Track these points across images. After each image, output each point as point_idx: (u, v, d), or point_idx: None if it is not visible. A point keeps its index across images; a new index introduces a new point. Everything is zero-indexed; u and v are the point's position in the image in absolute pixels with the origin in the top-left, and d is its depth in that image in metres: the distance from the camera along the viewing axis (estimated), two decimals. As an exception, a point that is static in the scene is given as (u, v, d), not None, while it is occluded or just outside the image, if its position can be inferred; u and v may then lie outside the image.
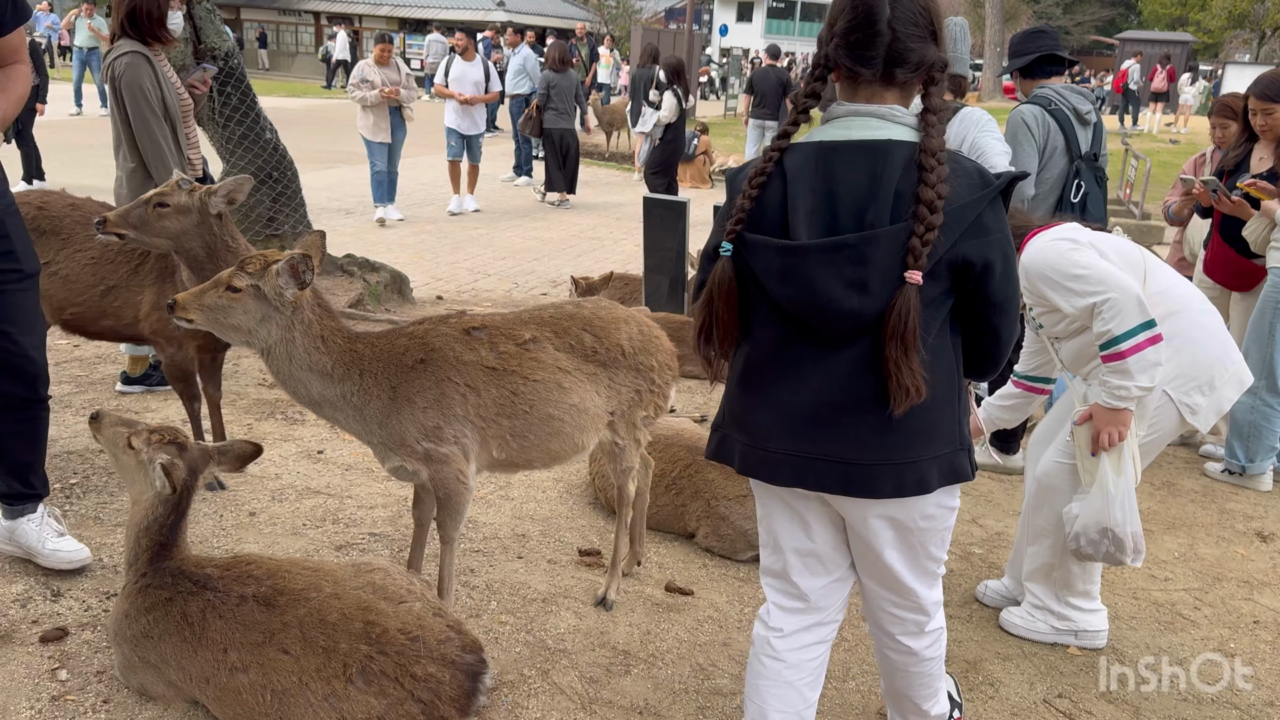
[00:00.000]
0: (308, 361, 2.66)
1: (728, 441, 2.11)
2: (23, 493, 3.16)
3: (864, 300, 1.85)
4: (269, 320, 2.60)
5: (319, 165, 13.12)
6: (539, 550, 3.63)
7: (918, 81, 1.93)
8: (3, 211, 2.91)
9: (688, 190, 13.47)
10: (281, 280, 2.56)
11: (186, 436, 2.70)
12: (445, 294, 7.70)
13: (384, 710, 2.33)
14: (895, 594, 2.16)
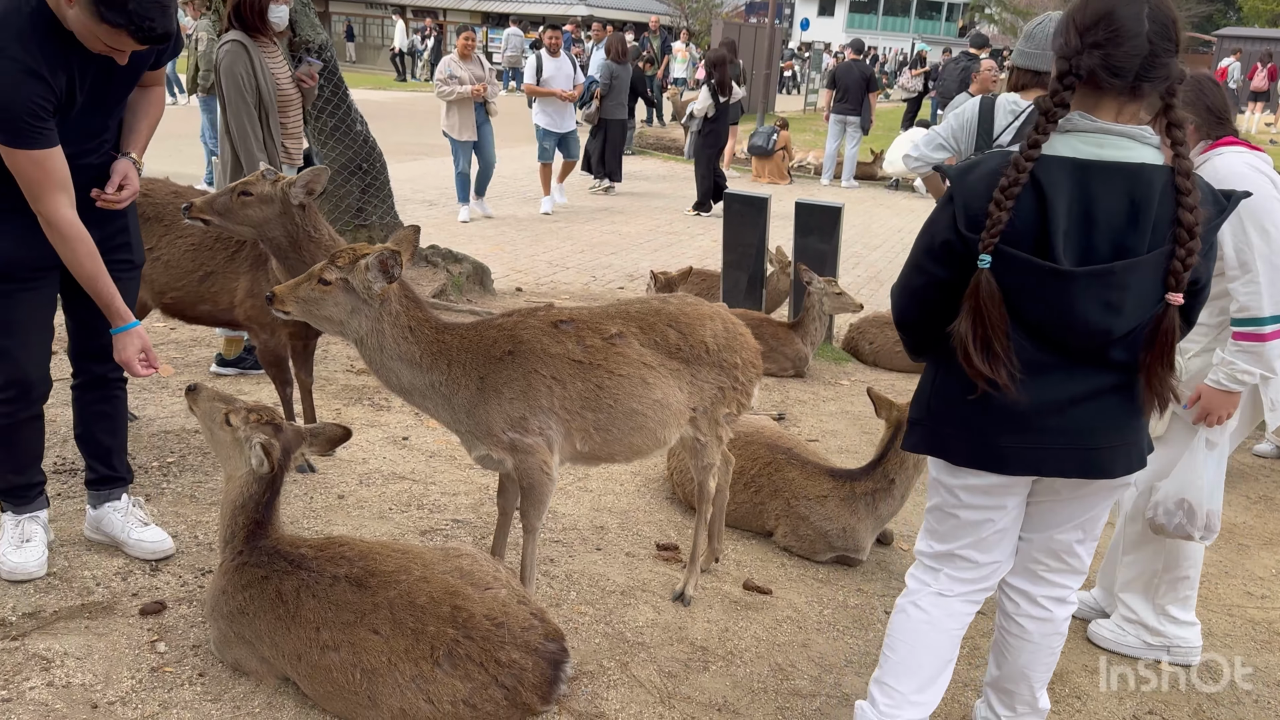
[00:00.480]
0: (397, 351, 2.72)
1: (939, 436, 2.23)
2: (107, 476, 3.25)
3: (1117, 321, 1.97)
4: (359, 312, 2.67)
5: (403, 157, 13.36)
6: (617, 543, 3.65)
7: (1157, 94, 1.95)
8: (125, 208, 3.05)
9: (766, 186, 13.40)
10: (371, 274, 2.63)
11: (281, 417, 2.78)
12: (524, 286, 7.79)
13: (469, 694, 2.38)
14: (1061, 560, 2.35)
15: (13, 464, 3.05)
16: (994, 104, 4.20)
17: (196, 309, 3.99)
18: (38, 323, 2.94)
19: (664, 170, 15.48)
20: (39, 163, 2.62)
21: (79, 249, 2.74)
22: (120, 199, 2.93)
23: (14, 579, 2.99)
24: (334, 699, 2.46)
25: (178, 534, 3.37)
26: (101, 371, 3.16)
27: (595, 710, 2.65)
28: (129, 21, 2.48)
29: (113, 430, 3.27)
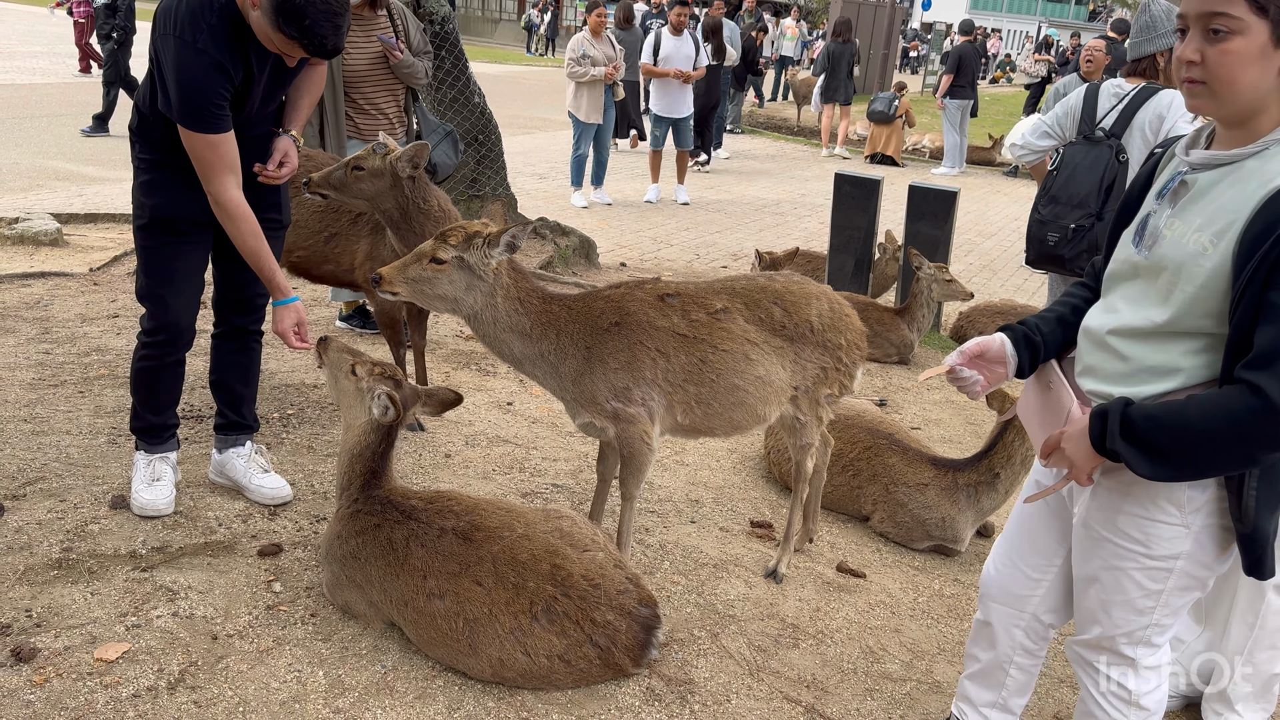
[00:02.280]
0: (509, 324, 2.79)
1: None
2: (236, 422, 3.44)
3: None
4: (474, 288, 2.74)
5: (516, 130, 13.56)
6: (711, 517, 3.69)
7: None
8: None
9: (878, 169, 13.16)
10: (497, 250, 2.69)
11: (402, 374, 2.89)
12: (629, 261, 7.85)
13: (564, 650, 2.46)
14: None
15: (153, 404, 3.26)
16: (1098, 89, 4.09)
17: (321, 268, 4.16)
18: (192, 274, 3.14)
19: (773, 149, 15.34)
20: (214, 146, 2.82)
21: (243, 228, 2.93)
22: (280, 175, 3.12)
23: (144, 514, 3.19)
24: (436, 645, 2.57)
25: (295, 482, 3.54)
26: (241, 323, 3.37)
27: (685, 677, 2.70)
28: (303, 36, 2.68)
29: (245, 379, 3.45)
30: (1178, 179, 1.75)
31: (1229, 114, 1.65)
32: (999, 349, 1.99)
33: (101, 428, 3.82)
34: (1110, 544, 1.88)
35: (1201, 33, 1.58)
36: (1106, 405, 1.75)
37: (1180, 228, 1.70)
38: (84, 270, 5.98)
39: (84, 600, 2.76)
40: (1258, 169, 1.62)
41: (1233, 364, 1.64)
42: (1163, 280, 1.73)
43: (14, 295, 5.36)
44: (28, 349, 4.57)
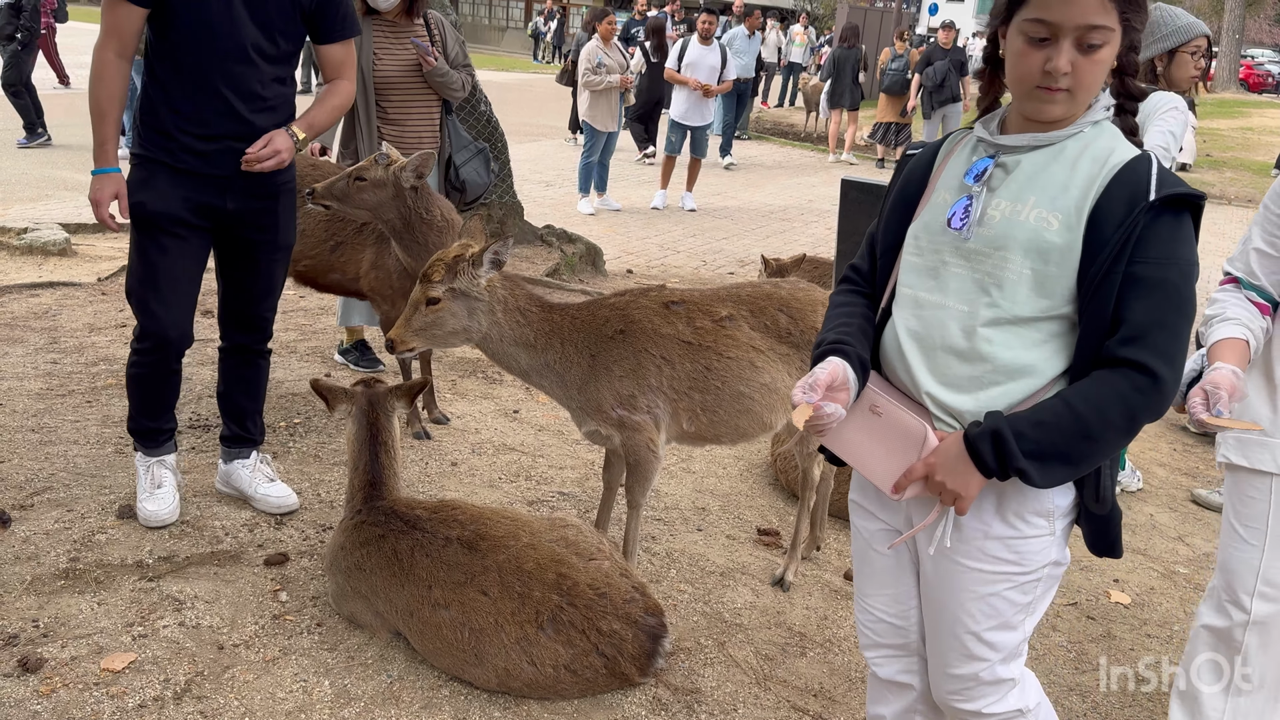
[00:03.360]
0: (514, 336, 2.80)
1: None
2: (240, 435, 3.42)
3: None
4: (475, 312, 2.76)
5: (522, 138, 13.59)
6: (718, 525, 3.68)
7: None
8: (279, 188, 3.19)
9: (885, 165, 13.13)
10: (481, 270, 2.72)
11: (381, 381, 2.92)
12: (635, 268, 7.85)
13: (570, 659, 2.45)
14: None
15: (146, 409, 3.24)
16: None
17: (327, 277, 4.17)
18: (180, 280, 3.07)
19: (780, 155, 15.34)
20: (109, 6, 2.86)
21: (98, 89, 2.91)
22: (260, 157, 2.95)
23: (149, 525, 3.19)
24: (442, 655, 2.56)
25: (301, 491, 3.54)
26: (245, 341, 3.34)
27: (691, 686, 2.69)
28: None
29: (251, 395, 3.44)
30: (988, 163, 1.68)
31: (1072, 116, 1.65)
32: (843, 375, 1.72)
33: (109, 437, 3.83)
34: (977, 572, 1.73)
35: (1074, 44, 1.56)
36: (991, 425, 1.59)
37: (1009, 206, 1.65)
38: (92, 280, 6.00)
39: (91, 610, 2.77)
40: (1081, 149, 1.63)
41: (1092, 346, 1.59)
42: (995, 261, 1.64)
43: (22, 305, 5.38)
44: (35, 359, 4.59)
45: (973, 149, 1.75)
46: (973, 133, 1.77)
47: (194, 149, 2.98)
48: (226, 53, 2.92)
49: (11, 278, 5.97)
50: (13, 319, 5.13)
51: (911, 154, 1.90)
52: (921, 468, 1.66)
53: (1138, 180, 1.57)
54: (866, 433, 1.76)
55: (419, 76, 4.46)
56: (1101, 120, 1.66)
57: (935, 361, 1.71)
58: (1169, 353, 1.55)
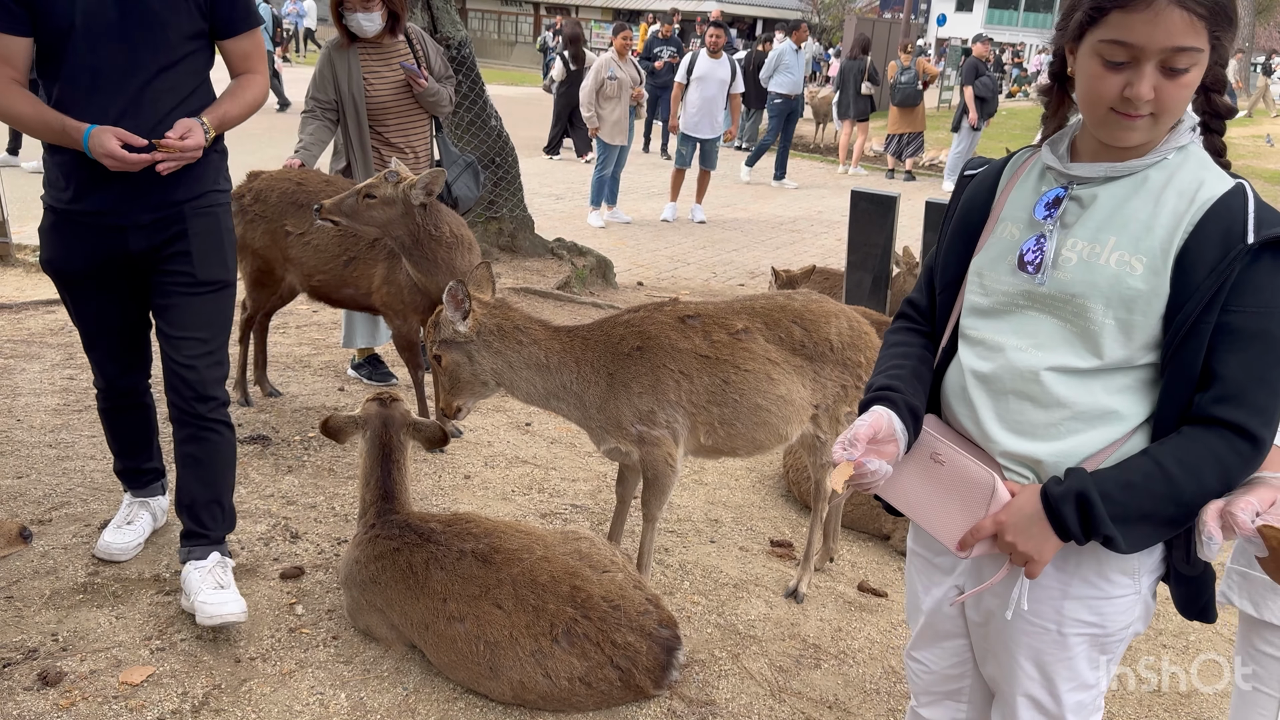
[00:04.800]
0: (522, 360, 2.84)
1: None
2: (192, 531, 2.86)
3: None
4: (474, 354, 2.83)
5: (532, 152, 13.64)
6: (731, 536, 3.68)
7: None
8: (191, 213, 2.73)
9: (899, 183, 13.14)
10: (454, 316, 2.78)
11: (398, 399, 2.93)
12: (645, 280, 7.87)
13: (585, 672, 2.45)
14: None
15: (117, 446, 3.14)
16: None
17: (340, 292, 4.19)
18: (111, 333, 2.90)
19: (790, 167, 15.35)
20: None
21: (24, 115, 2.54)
22: (183, 146, 2.55)
23: (99, 555, 3.06)
24: (457, 668, 2.57)
25: (316, 504, 3.56)
26: (181, 404, 2.78)
27: (706, 698, 2.69)
28: None
29: (202, 478, 2.83)
30: (1059, 194, 1.54)
31: (1157, 140, 1.49)
32: (889, 426, 1.58)
33: (125, 452, 3.85)
34: (1053, 634, 1.59)
35: (1159, 67, 1.39)
36: (1078, 486, 1.44)
37: (1088, 248, 1.49)
38: (108, 295, 6.04)
39: (109, 624, 2.79)
40: (1166, 179, 1.47)
41: (1177, 397, 1.45)
42: (1074, 308, 1.50)
43: (39, 321, 5.43)
44: (52, 375, 4.63)
45: (1040, 176, 1.59)
46: (1039, 154, 1.61)
47: (84, 194, 2.65)
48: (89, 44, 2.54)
49: (28, 294, 6.02)
50: (30, 335, 5.18)
51: (971, 174, 1.73)
52: (990, 525, 1.51)
53: (1233, 219, 1.41)
54: (927, 483, 1.62)
55: (410, 96, 4.49)
56: (1187, 145, 1.49)
57: (1006, 406, 1.56)
58: (1268, 411, 1.41)
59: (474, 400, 2.93)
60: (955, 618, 1.77)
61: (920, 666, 1.87)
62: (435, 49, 4.68)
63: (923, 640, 1.84)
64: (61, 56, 2.53)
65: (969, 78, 13.16)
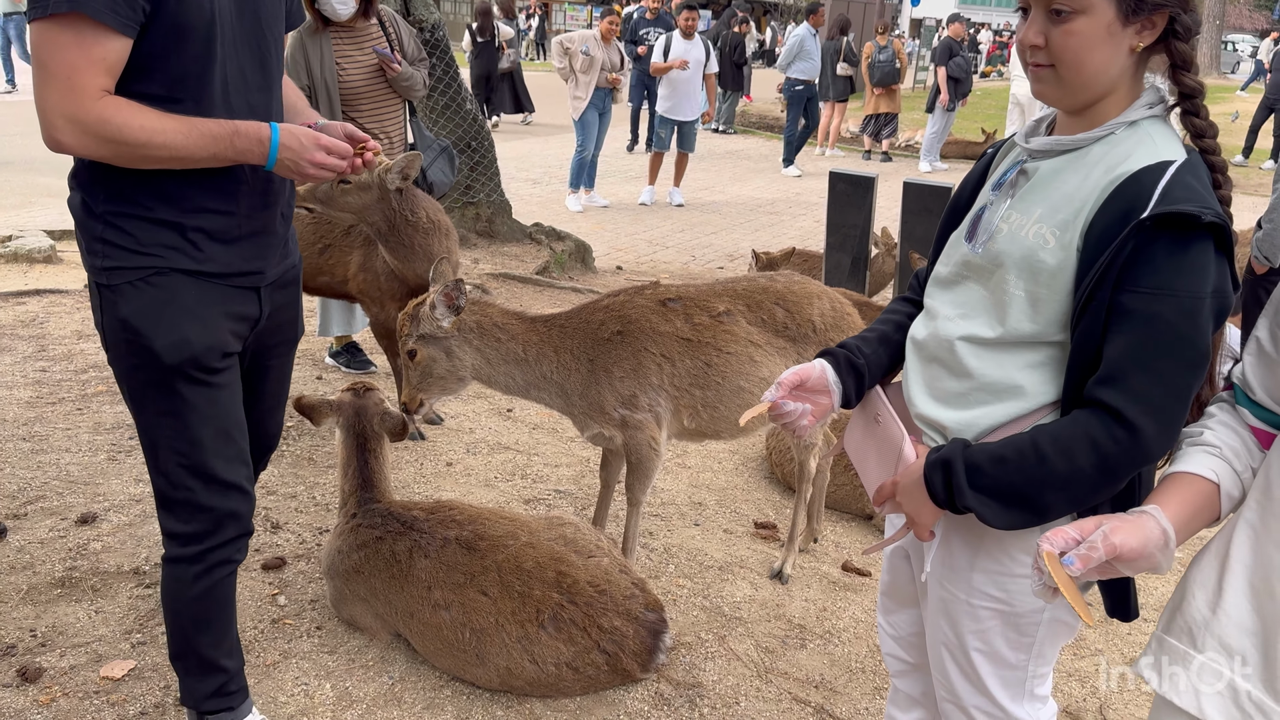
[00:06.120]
0: (502, 355, 2.82)
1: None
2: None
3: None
4: (452, 350, 2.80)
5: (508, 136, 13.56)
6: (715, 519, 3.68)
7: None
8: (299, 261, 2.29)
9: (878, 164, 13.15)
10: (438, 313, 2.74)
11: (372, 388, 2.90)
12: (624, 264, 7.84)
13: (571, 657, 2.45)
14: None
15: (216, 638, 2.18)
16: None
17: (316, 280, 4.15)
18: (235, 427, 2.08)
19: (766, 149, 15.34)
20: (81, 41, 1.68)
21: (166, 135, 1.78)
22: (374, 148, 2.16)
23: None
24: (443, 655, 2.56)
25: (296, 494, 3.53)
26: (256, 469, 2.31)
27: (693, 680, 2.69)
28: None
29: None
30: (1015, 168, 1.55)
31: (1077, 100, 1.47)
32: (820, 376, 1.66)
33: (101, 444, 3.80)
34: (967, 605, 1.60)
35: (1044, 13, 1.41)
36: (947, 453, 1.46)
37: (1018, 219, 1.50)
38: (78, 287, 5.95)
39: (88, 619, 2.75)
40: (1104, 154, 1.44)
41: (1077, 379, 1.43)
42: (997, 279, 1.51)
43: (9, 313, 5.34)
44: (25, 367, 4.56)
45: (1016, 152, 1.61)
46: None
47: (218, 235, 1.96)
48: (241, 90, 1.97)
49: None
50: (0, 327, 5.10)
51: (987, 153, 1.75)
52: (890, 485, 1.57)
53: (1139, 192, 1.36)
54: (866, 440, 1.71)
55: (384, 80, 4.42)
56: (1139, 121, 1.45)
57: (930, 373, 1.62)
58: (1150, 400, 1.34)
59: (440, 396, 2.90)
60: (908, 584, 1.82)
61: (889, 632, 1.92)
62: (408, 32, 4.62)
63: (885, 605, 1.91)
64: (171, 65, 1.82)
65: (942, 58, 13.16)
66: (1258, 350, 1.35)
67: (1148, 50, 1.44)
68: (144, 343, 1.91)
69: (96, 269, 1.91)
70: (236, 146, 1.85)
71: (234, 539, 2.11)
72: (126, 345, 1.93)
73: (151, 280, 1.90)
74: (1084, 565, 1.22)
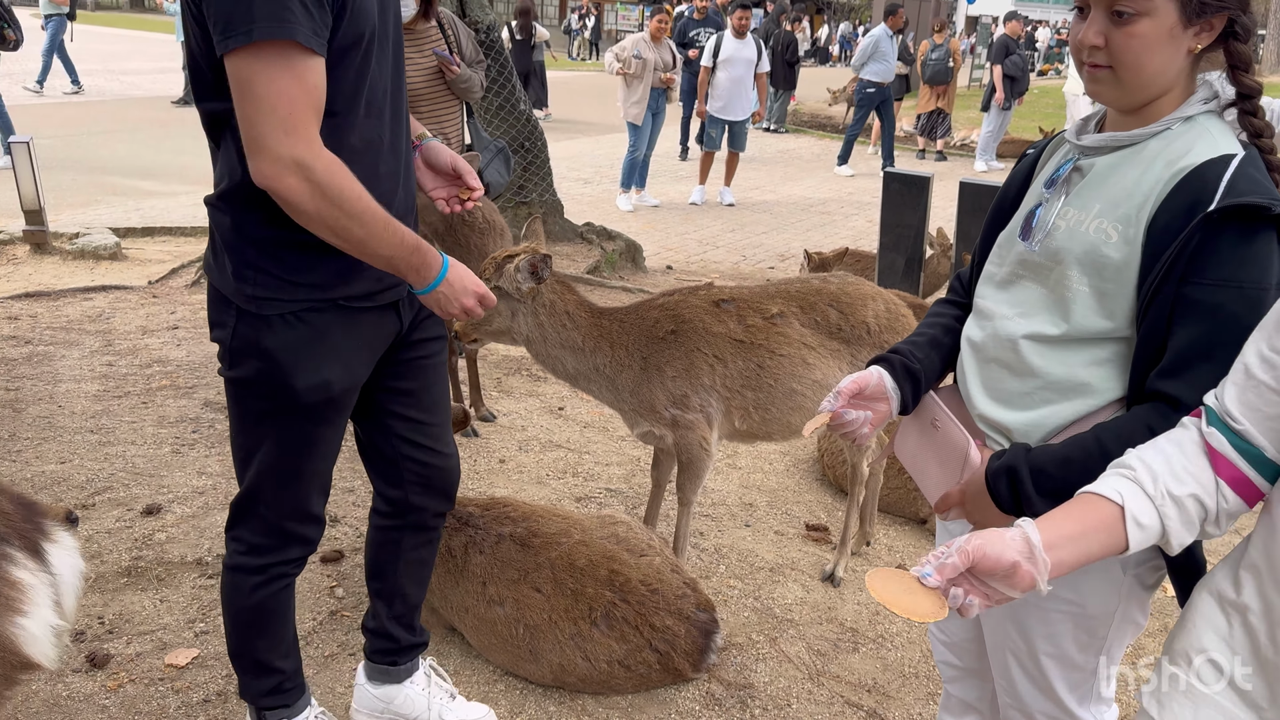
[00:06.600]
0: (559, 339, 2.82)
1: None
2: (412, 644, 2.38)
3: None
4: (519, 313, 2.78)
5: (560, 136, 13.63)
6: (766, 521, 3.68)
7: None
8: None
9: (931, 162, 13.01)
10: (520, 275, 2.73)
11: None
12: (675, 264, 7.85)
13: (624, 655, 2.46)
14: None
15: (278, 644, 2.19)
16: None
17: None
18: (332, 455, 2.08)
19: (819, 148, 15.25)
20: (297, 73, 1.61)
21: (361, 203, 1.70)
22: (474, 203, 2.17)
23: None
24: (497, 650, 2.59)
25: (354, 488, 3.59)
26: (434, 506, 2.27)
27: (744, 681, 2.69)
28: None
29: (422, 580, 2.37)
30: (1068, 165, 1.54)
31: (1134, 101, 1.45)
32: (878, 384, 1.65)
33: (165, 437, 3.90)
34: (1036, 609, 1.56)
35: (1105, 14, 1.39)
36: (1010, 460, 1.43)
37: (1076, 215, 1.49)
38: (143, 283, 6.12)
39: (154, 607, 2.83)
40: (1162, 149, 1.43)
41: (1143, 373, 1.41)
42: (1056, 276, 1.50)
43: (76, 309, 5.50)
44: (92, 361, 4.69)
45: (1066, 150, 1.59)
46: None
47: (351, 271, 1.86)
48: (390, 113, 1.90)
49: (65, 282, 6.10)
50: (68, 322, 5.25)
51: (1028, 153, 1.74)
52: (956, 493, 1.53)
53: (1204, 185, 1.35)
54: (924, 445, 1.68)
55: (443, 82, 4.43)
56: (1195, 116, 1.44)
57: (989, 374, 1.59)
58: (1209, 389, 1.31)
59: (488, 340, 2.91)
60: None
61: (942, 638, 1.89)
62: (466, 33, 4.66)
63: None
64: (336, 77, 1.72)
65: (998, 56, 12.97)
66: (1245, 376, 1.24)
67: (1204, 50, 1.43)
68: (284, 378, 1.86)
69: (245, 296, 1.83)
70: (411, 262, 1.79)
71: (298, 559, 2.13)
72: (261, 374, 1.87)
73: (303, 316, 1.84)
74: (941, 576, 1.20)
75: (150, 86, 16.56)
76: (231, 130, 1.72)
